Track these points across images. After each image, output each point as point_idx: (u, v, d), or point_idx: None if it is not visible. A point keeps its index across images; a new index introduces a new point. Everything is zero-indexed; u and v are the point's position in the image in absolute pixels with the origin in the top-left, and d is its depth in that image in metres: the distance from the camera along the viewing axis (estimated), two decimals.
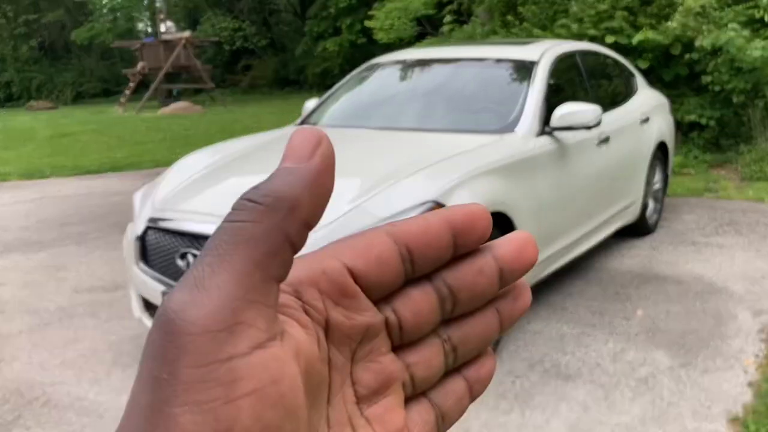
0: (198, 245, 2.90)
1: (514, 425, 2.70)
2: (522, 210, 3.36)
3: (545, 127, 3.75)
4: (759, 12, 7.63)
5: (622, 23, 7.97)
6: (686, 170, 7.35)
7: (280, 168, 0.26)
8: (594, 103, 3.88)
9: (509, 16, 9.60)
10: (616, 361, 3.20)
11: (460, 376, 0.32)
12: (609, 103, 4.67)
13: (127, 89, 21.17)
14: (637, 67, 6.23)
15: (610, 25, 7.98)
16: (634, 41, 7.66)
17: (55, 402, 2.98)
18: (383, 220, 2.77)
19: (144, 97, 20.58)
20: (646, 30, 7.67)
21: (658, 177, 5.32)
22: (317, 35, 23.16)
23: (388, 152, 3.52)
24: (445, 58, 4.57)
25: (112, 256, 5.09)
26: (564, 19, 8.42)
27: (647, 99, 5.29)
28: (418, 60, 4.66)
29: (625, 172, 4.63)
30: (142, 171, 9.24)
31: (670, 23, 7.54)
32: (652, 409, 2.78)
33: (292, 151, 0.26)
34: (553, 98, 3.97)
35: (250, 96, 24.30)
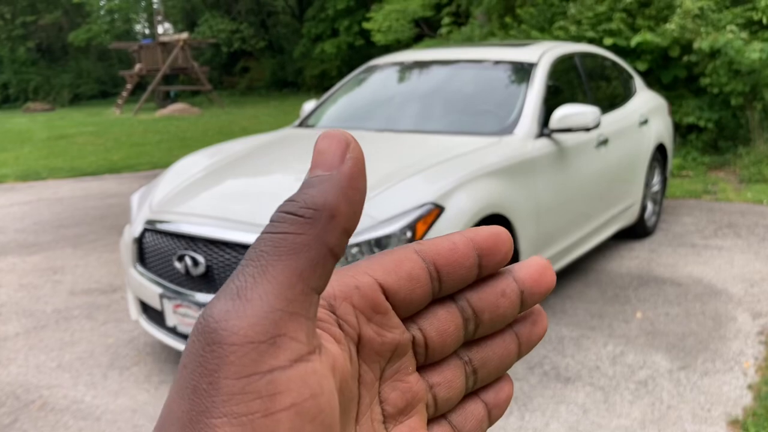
0: (195, 247, 2.89)
1: (514, 428, 2.68)
2: (521, 212, 3.35)
3: (544, 129, 3.74)
4: (757, 14, 7.64)
5: (621, 25, 7.98)
6: (685, 172, 7.35)
7: (314, 176, 0.25)
8: (593, 105, 3.88)
9: (507, 18, 9.60)
10: (615, 363, 3.19)
11: (479, 400, 0.32)
12: (608, 105, 4.67)
13: (125, 91, 21.18)
14: (635, 69, 6.24)
15: (608, 27, 7.98)
16: (633, 43, 7.67)
17: (52, 405, 2.96)
18: (382, 222, 2.75)
19: (141, 99, 20.59)
20: (645, 32, 7.68)
21: (657, 179, 5.32)
22: (315, 37, 23.21)
23: (387, 154, 3.51)
24: (444, 60, 4.55)
25: (109, 259, 5.07)
26: (562, 21, 8.42)
27: (646, 101, 5.29)
28: (417, 62, 4.65)
29: (623, 174, 4.62)
30: (139, 173, 9.22)
31: (668, 25, 7.55)
32: (652, 411, 2.77)
33: (322, 156, 0.26)
34: (552, 100, 3.96)
35: (248, 98, 24.31)
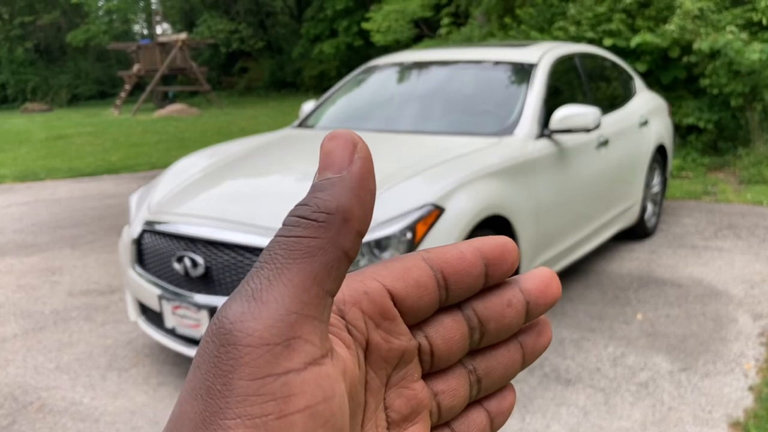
0: (194, 248, 2.87)
1: (514, 430, 2.67)
2: (521, 213, 3.34)
3: (544, 130, 3.73)
4: (757, 15, 7.64)
5: (620, 26, 7.97)
6: (684, 173, 7.35)
7: (324, 179, 0.25)
8: (593, 106, 3.87)
9: (507, 19, 9.59)
10: (616, 365, 3.18)
11: (482, 408, 0.33)
12: (608, 106, 4.66)
13: (123, 91, 21.15)
14: (635, 70, 6.23)
15: (608, 28, 7.98)
16: (633, 44, 7.66)
17: (50, 407, 2.95)
18: (382, 223, 2.74)
19: (140, 99, 20.57)
20: (645, 33, 7.67)
21: (657, 180, 5.31)
22: (314, 37, 23.20)
23: (386, 155, 3.49)
24: (444, 60, 4.54)
25: (107, 260, 5.06)
26: (562, 22, 8.41)
27: (646, 102, 5.28)
28: (416, 62, 4.64)
29: (624, 175, 4.61)
30: (138, 173, 9.21)
31: (668, 26, 7.54)
32: (653, 413, 2.76)
33: (330, 158, 0.25)
34: (552, 101, 3.95)
35: (247, 98, 24.29)
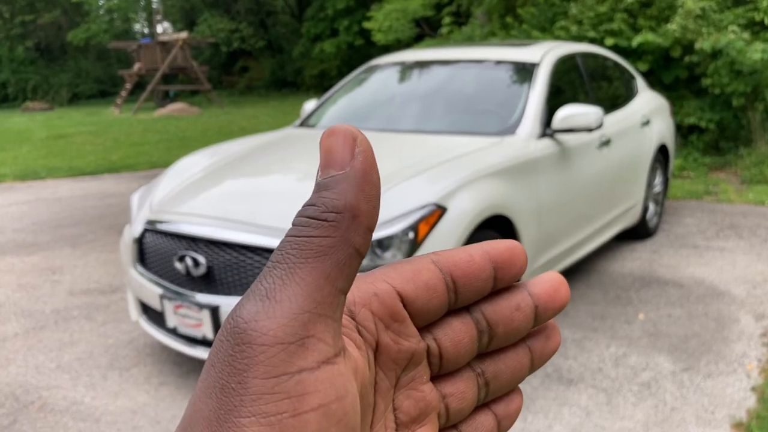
0: (196, 247, 2.86)
1: (516, 430, 2.66)
2: (523, 213, 3.33)
3: (546, 130, 3.72)
4: (759, 15, 7.63)
5: (622, 25, 7.96)
6: (686, 173, 7.34)
7: (327, 177, 0.25)
8: (595, 106, 3.86)
9: (508, 18, 9.58)
10: (618, 365, 3.17)
11: (489, 411, 0.33)
12: (610, 106, 4.65)
13: (124, 90, 21.15)
14: (636, 70, 6.22)
15: (609, 28, 7.97)
16: (634, 44, 7.65)
17: (51, 406, 2.94)
18: (384, 223, 2.73)
19: (140, 99, 20.57)
20: (646, 32, 7.66)
21: (659, 180, 5.30)
22: (315, 37, 23.18)
23: (388, 155, 3.48)
24: (445, 60, 4.53)
25: (108, 259, 5.05)
26: (563, 21, 8.40)
27: (648, 101, 5.27)
28: (418, 61, 4.63)
29: (626, 175, 4.60)
30: (138, 173, 9.20)
31: (670, 26, 7.53)
32: (655, 414, 2.75)
33: (331, 155, 0.25)
34: (554, 100, 3.94)
35: (247, 97, 24.28)
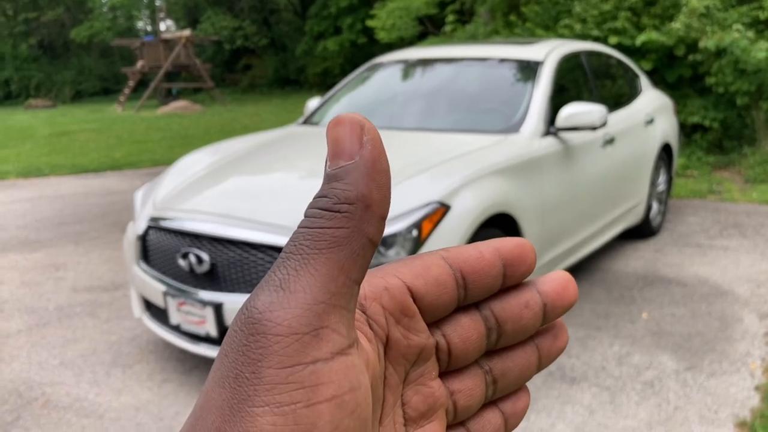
0: (200, 245, 2.86)
1: (519, 428, 2.66)
2: (527, 211, 3.32)
3: (550, 128, 3.71)
4: (763, 13, 7.60)
5: (626, 24, 7.94)
6: (689, 172, 7.32)
7: (337, 168, 0.25)
8: (599, 104, 3.85)
9: (512, 16, 9.56)
10: (621, 364, 3.17)
11: (496, 409, 0.33)
12: (614, 104, 4.64)
13: (127, 88, 21.16)
14: (640, 68, 6.20)
15: (613, 26, 7.95)
16: (638, 42, 7.63)
17: (55, 403, 2.94)
18: (387, 220, 2.73)
19: (143, 96, 20.58)
20: (650, 31, 7.64)
21: (662, 178, 5.29)
22: (318, 34, 23.17)
23: (392, 152, 3.47)
24: (449, 58, 4.52)
25: (111, 256, 5.05)
26: (567, 20, 8.39)
27: (652, 100, 5.26)
28: (421, 59, 4.62)
29: (629, 174, 4.59)
30: (141, 170, 9.20)
31: (674, 24, 7.51)
32: (659, 412, 2.75)
33: (340, 145, 0.25)
34: (558, 98, 3.93)
35: (250, 95, 24.28)
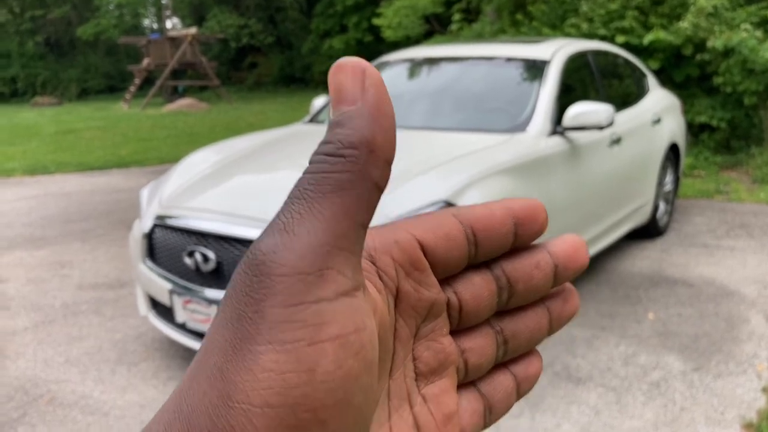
0: (206, 243, 2.86)
1: (525, 428, 2.65)
2: None
3: (557, 127, 3.70)
4: None
5: (633, 23, 7.91)
6: (696, 172, 7.29)
7: (340, 114, 0.25)
8: (606, 103, 3.83)
9: (518, 15, 9.54)
10: (627, 364, 3.15)
11: (508, 372, 0.32)
12: (621, 104, 4.62)
13: (133, 86, 21.20)
14: (647, 68, 6.18)
15: (620, 25, 7.92)
16: (645, 41, 7.60)
17: (60, 400, 2.95)
18: (393, 219, 2.72)
19: (149, 94, 20.61)
20: (657, 30, 7.61)
21: (669, 178, 5.27)
22: (323, 33, 23.16)
23: (398, 151, 3.46)
24: (455, 57, 4.51)
25: (117, 253, 5.06)
26: (574, 19, 8.36)
27: (659, 99, 5.24)
28: (428, 58, 4.61)
29: (636, 173, 4.58)
30: (147, 168, 9.22)
31: (681, 23, 7.48)
32: (665, 413, 2.74)
33: (342, 91, 0.25)
34: (565, 98, 3.92)
35: (256, 93, 24.30)
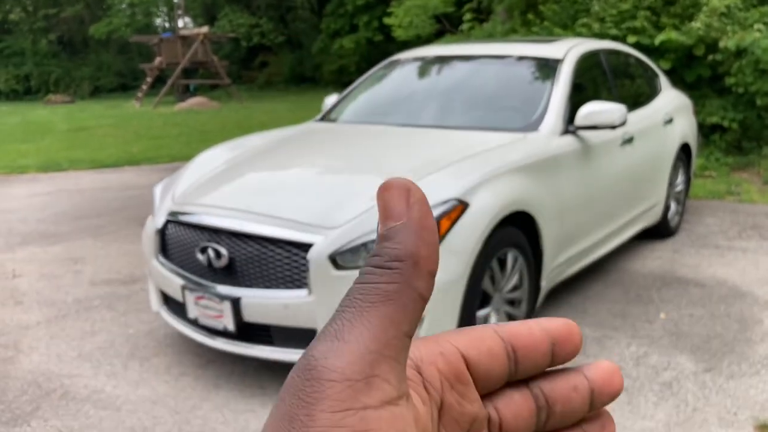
0: (218, 239, 2.88)
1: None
2: (545, 210, 3.31)
3: (569, 126, 3.69)
4: None
5: (645, 23, 7.87)
6: (708, 173, 7.25)
7: (389, 229, 0.27)
8: (618, 103, 3.82)
9: (529, 15, 9.52)
10: (639, 364, 3.15)
11: None
12: (633, 103, 4.60)
13: (145, 84, 21.31)
14: (659, 68, 6.15)
15: (632, 25, 7.89)
16: (657, 42, 7.56)
17: (73, 394, 2.97)
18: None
19: (161, 92, 20.70)
20: (669, 30, 7.57)
21: (681, 179, 5.25)
22: (334, 32, 23.19)
23: (410, 149, 3.48)
24: (467, 55, 4.51)
25: (129, 250, 5.09)
26: (585, 19, 8.33)
27: (671, 100, 5.22)
28: (439, 57, 4.61)
29: (648, 173, 4.56)
30: (159, 165, 9.26)
31: (693, 24, 7.44)
32: (677, 414, 2.73)
33: (389, 209, 0.27)
34: (577, 97, 3.91)
35: (266, 92, 24.36)
